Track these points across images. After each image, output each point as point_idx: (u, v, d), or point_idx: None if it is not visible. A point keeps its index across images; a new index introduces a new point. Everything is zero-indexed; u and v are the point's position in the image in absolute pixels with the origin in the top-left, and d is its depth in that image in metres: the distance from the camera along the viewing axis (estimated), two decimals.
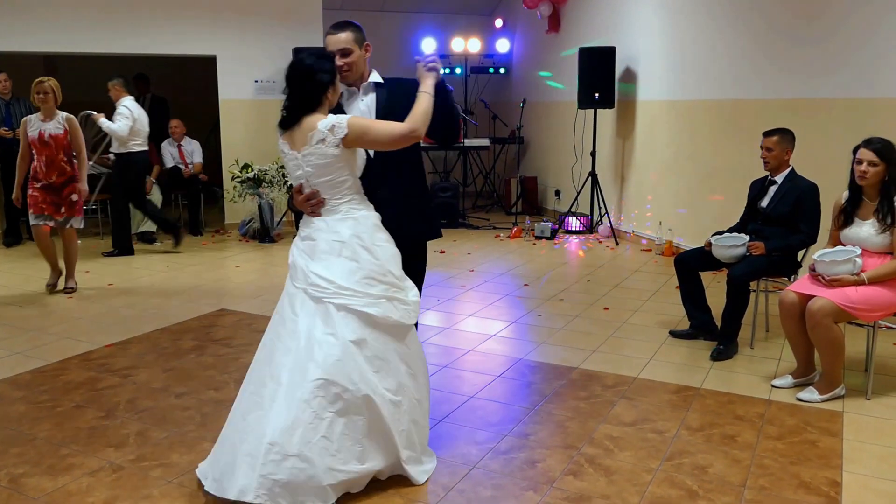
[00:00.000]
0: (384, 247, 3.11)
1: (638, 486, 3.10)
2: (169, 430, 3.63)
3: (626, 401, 3.98)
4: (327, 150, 2.99)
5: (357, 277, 3.01)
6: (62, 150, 6.00)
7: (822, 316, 3.79)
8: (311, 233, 3.11)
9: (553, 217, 9.84)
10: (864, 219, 3.97)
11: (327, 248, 3.05)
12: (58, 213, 6.00)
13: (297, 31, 9.15)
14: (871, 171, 3.85)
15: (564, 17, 9.95)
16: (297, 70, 3.04)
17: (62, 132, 6.00)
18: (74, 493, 3.05)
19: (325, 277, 3.00)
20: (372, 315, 2.99)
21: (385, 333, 3.04)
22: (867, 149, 3.87)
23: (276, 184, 8.41)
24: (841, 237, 4.07)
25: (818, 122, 5.82)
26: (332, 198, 3.09)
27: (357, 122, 2.99)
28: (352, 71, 3.21)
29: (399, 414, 3.04)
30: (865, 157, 3.86)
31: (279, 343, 3.04)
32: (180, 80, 11.65)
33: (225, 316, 5.59)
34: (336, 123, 2.97)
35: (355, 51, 3.18)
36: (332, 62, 3.11)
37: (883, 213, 3.87)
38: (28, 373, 4.41)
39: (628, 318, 5.49)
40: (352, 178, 3.10)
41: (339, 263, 3.02)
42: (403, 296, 3.10)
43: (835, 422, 3.70)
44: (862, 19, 5.46)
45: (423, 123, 3.02)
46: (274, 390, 2.95)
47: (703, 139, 7.31)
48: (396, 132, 2.99)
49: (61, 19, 8.39)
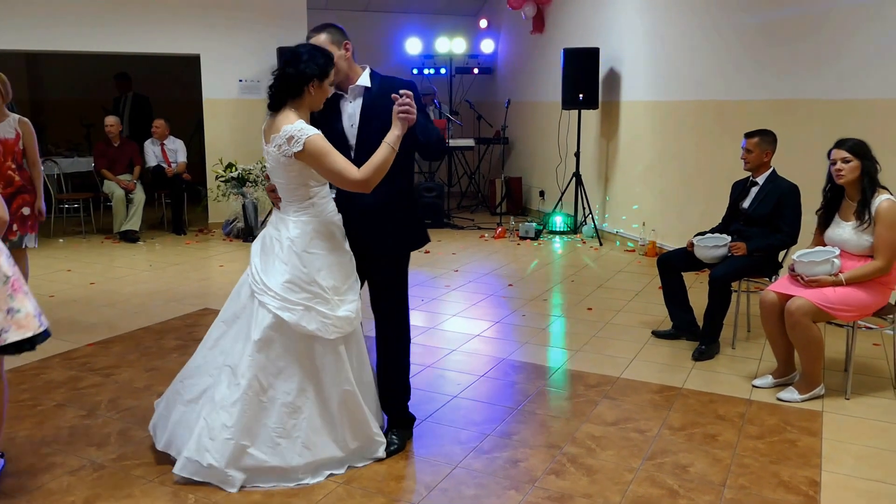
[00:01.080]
0: (317, 255, 3.09)
1: (619, 485, 3.12)
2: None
3: (609, 400, 4.01)
4: (280, 157, 2.99)
5: (281, 280, 3.05)
6: (10, 157, 4.95)
7: (800, 315, 3.83)
8: (269, 226, 3.22)
9: (537, 217, 9.87)
10: (845, 220, 4.01)
11: (269, 245, 3.15)
12: (10, 232, 4.86)
13: (281, 31, 9.11)
14: (845, 168, 3.89)
15: (549, 18, 9.99)
16: (288, 54, 3.04)
17: (13, 136, 4.97)
18: (55, 492, 3.03)
19: (258, 272, 3.11)
20: (284, 320, 3.03)
21: (297, 341, 3.08)
22: (839, 148, 3.93)
23: (260, 183, 8.38)
24: (825, 238, 4.11)
25: (800, 123, 5.87)
26: (286, 198, 3.12)
27: (315, 145, 2.92)
28: (337, 70, 3.17)
29: (295, 419, 3.10)
30: (838, 157, 3.92)
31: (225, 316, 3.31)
32: (164, 78, 11.60)
33: (208, 315, 5.56)
34: (295, 136, 2.92)
35: (334, 52, 3.14)
36: (327, 59, 3.06)
37: (860, 211, 3.91)
38: (8, 372, 4.36)
39: (611, 318, 5.52)
40: (306, 188, 3.07)
41: (272, 262, 3.10)
42: (327, 308, 3.08)
43: (814, 421, 3.74)
44: (843, 21, 5.52)
45: (377, 176, 2.97)
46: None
47: (686, 140, 7.36)
48: (347, 178, 2.94)
49: (44, 17, 8.30)
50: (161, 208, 9.43)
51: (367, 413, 3.24)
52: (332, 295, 3.10)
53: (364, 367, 3.31)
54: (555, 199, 9.27)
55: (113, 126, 8.61)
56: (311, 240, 3.09)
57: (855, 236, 3.93)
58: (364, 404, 3.22)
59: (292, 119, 2.98)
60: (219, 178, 8.54)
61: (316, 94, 3.05)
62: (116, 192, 8.37)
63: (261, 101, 9.23)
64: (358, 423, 3.21)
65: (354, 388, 3.17)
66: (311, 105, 3.09)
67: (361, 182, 2.94)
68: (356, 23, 9.58)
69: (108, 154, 8.62)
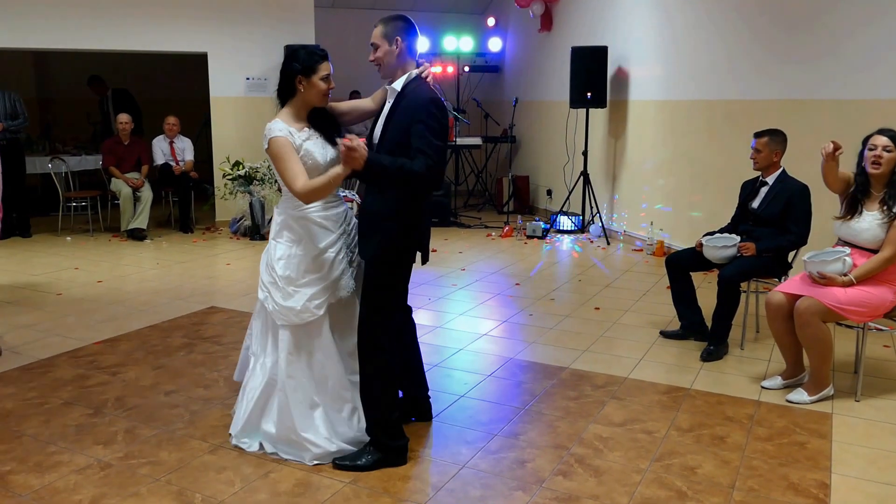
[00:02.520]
0: (281, 245, 3.27)
1: (627, 486, 3.10)
2: (157, 427, 3.61)
3: (617, 401, 3.99)
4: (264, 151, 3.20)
5: (264, 261, 3.35)
6: None
7: (809, 315, 3.80)
8: None
9: (544, 216, 9.85)
10: (868, 210, 3.95)
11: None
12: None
13: (288, 29, 9.13)
14: (885, 157, 3.82)
15: (557, 16, 9.96)
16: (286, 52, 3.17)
17: None
18: (62, 491, 3.03)
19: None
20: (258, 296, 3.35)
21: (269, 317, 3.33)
22: (882, 135, 3.86)
23: (267, 181, 8.38)
24: (835, 230, 4.05)
25: (810, 122, 5.83)
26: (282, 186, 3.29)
27: (276, 146, 3.10)
28: (381, 66, 3.18)
29: (269, 389, 3.34)
30: (880, 143, 3.84)
31: None
32: (171, 77, 11.62)
33: (215, 314, 5.56)
34: (267, 133, 3.14)
35: (382, 46, 3.13)
36: (312, 56, 3.16)
37: (888, 203, 3.86)
38: (16, 369, 4.38)
39: (619, 318, 5.50)
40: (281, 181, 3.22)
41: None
42: (279, 297, 3.25)
43: (824, 423, 3.72)
44: (854, 20, 5.48)
45: (314, 195, 3.08)
46: None
47: (695, 139, 7.32)
48: (290, 186, 3.08)
49: (51, 15, 8.32)
50: (168, 206, 9.44)
51: (293, 411, 3.27)
52: (284, 284, 3.23)
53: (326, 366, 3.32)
54: (562, 199, 9.24)
55: (126, 123, 8.61)
56: (281, 230, 3.29)
57: (874, 226, 3.87)
58: (294, 402, 3.27)
59: (281, 117, 3.19)
60: (226, 177, 8.54)
61: (307, 90, 3.17)
62: (124, 191, 8.38)
63: (268, 100, 9.20)
64: (281, 416, 3.31)
65: (284, 383, 3.28)
66: (307, 100, 3.21)
67: (299, 194, 3.07)
68: (363, 21, 9.54)
69: (117, 152, 8.63)
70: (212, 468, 3.22)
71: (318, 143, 3.21)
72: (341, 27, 10.63)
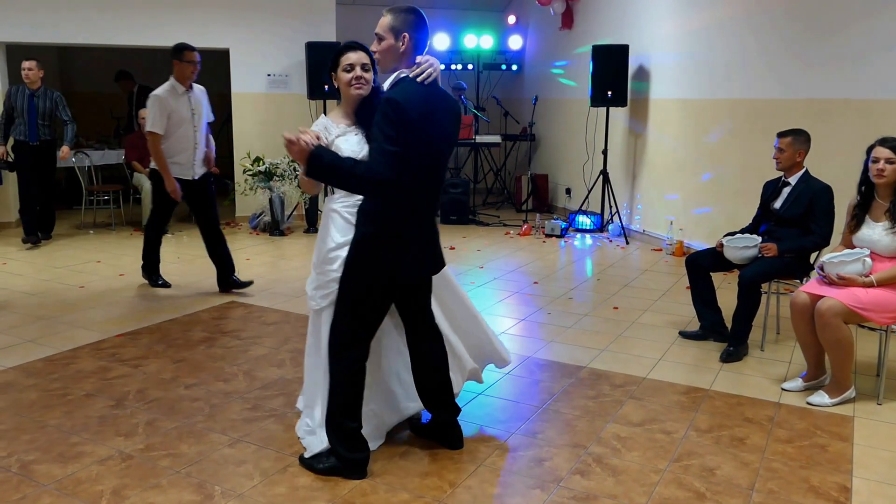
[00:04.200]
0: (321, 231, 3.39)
1: (645, 486, 3.10)
2: (178, 420, 3.65)
3: (635, 401, 3.97)
4: None
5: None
6: None
7: (830, 316, 3.77)
8: None
9: (563, 215, 9.83)
10: (876, 220, 3.94)
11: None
12: None
13: (310, 26, 9.14)
14: (888, 169, 3.82)
15: (578, 14, 9.92)
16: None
17: None
18: (84, 481, 3.06)
19: None
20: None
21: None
22: (883, 147, 3.84)
23: (287, 177, 8.42)
24: (854, 240, 4.04)
25: (834, 122, 5.78)
26: None
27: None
28: (381, 60, 2.99)
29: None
30: (882, 155, 3.83)
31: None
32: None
33: (235, 308, 5.60)
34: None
35: (387, 38, 2.92)
36: (336, 52, 3.23)
37: (893, 212, 3.84)
38: (40, 361, 4.43)
39: (638, 317, 5.48)
40: None
41: None
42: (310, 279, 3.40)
43: (845, 426, 3.68)
44: (879, 19, 5.42)
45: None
46: None
47: (716, 139, 7.27)
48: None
49: (75, 11, 8.41)
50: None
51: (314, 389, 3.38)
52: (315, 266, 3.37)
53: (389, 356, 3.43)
54: (581, 197, 9.22)
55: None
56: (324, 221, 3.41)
57: (887, 237, 3.86)
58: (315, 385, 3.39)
59: (330, 112, 3.35)
60: (246, 172, 8.59)
61: (338, 84, 3.27)
62: (145, 185, 8.42)
63: (289, 96, 9.34)
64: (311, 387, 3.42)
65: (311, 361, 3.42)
66: (344, 94, 3.29)
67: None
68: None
69: (140, 146, 8.68)
70: (231, 461, 3.25)
71: (354, 140, 3.22)
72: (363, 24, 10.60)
